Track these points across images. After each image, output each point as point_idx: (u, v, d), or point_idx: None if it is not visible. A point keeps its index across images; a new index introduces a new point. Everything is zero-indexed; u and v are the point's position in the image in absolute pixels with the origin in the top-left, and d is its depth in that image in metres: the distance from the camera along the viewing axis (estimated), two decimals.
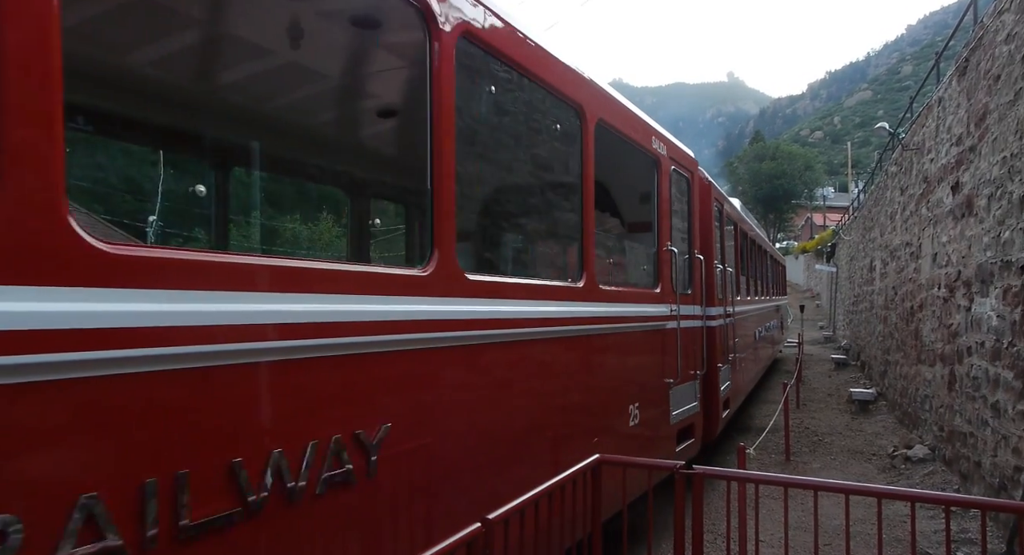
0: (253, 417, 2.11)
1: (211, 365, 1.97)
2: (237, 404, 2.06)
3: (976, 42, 6.90)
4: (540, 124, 4.27)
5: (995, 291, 6.03)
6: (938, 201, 8.40)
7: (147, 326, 1.78)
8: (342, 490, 2.39)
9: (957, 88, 7.64)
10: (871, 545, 5.52)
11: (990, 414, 6.17)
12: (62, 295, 1.61)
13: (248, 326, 2.07)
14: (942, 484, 7.38)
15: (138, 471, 1.78)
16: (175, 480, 1.86)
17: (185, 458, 1.89)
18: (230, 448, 2.02)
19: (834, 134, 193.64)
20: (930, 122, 9.10)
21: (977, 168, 6.70)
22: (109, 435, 1.72)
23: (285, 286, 2.21)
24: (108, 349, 1.69)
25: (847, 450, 9.34)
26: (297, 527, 2.23)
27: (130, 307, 1.74)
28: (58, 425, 1.62)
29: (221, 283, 2.00)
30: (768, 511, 5.60)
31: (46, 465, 1.60)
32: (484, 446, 3.28)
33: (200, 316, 1.92)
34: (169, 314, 1.84)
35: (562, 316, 4.02)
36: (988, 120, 6.37)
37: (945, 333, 7.94)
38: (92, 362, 1.66)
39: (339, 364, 2.42)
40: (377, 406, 2.59)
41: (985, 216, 6.37)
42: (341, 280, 2.47)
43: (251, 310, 2.08)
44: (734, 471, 3.58)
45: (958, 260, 7.35)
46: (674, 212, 6.39)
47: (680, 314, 6.21)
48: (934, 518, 6.25)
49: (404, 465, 2.71)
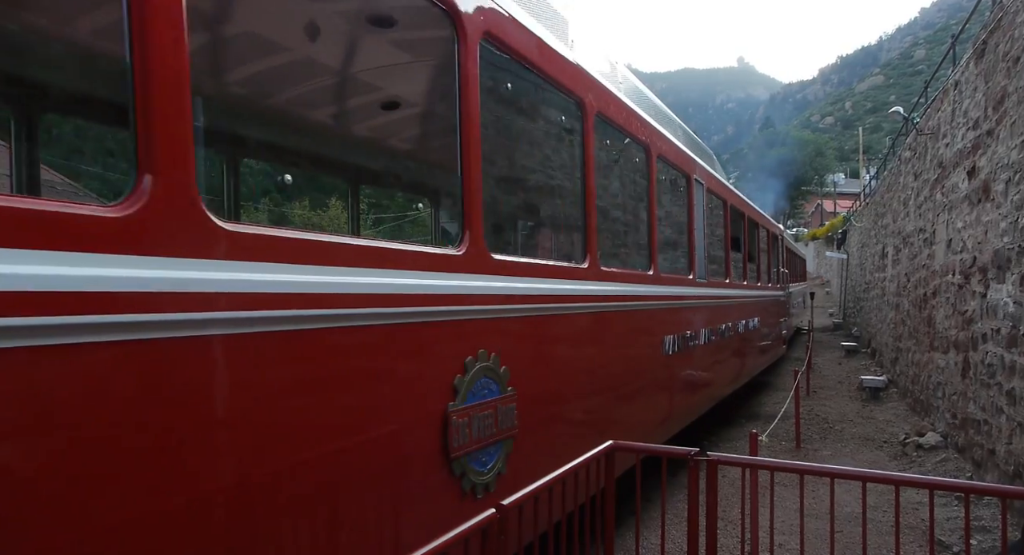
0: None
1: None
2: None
3: (995, 24, 6.77)
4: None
5: (1012, 277, 5.95)
6: (953, 186, 8.28)
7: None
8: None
9: (974, 71, 7.51)
10: (883, 532, 5.50)
11: (1005, 401, 6.11)
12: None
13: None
14: (955, 472, 7.34)
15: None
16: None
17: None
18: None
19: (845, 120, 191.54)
20: (946, 106, 8.96)
21: (995, 152, 6.59)
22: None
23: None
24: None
25: (858, 437, 9.30)
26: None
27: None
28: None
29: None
30: (778, 498, 5.58)
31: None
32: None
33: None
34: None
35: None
36: (1007, 103, 6.26)
37: (959, 320, 7.87)
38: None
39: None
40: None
41: (1002, 201, 6.28)
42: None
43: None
44: (749, 458, 3.56)
45: (974, 246, 7.26)
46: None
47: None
48: (946, 505, 6.22)
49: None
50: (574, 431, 4.53)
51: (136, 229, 1.80)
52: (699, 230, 7.54)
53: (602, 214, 5.03)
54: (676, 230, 7.15)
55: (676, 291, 6.68)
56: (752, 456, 4.45)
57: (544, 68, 4.02)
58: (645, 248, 6.06)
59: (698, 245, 7.45)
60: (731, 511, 5.69)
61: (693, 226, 7.30)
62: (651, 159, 6.08)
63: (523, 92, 4.16)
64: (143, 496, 1.81)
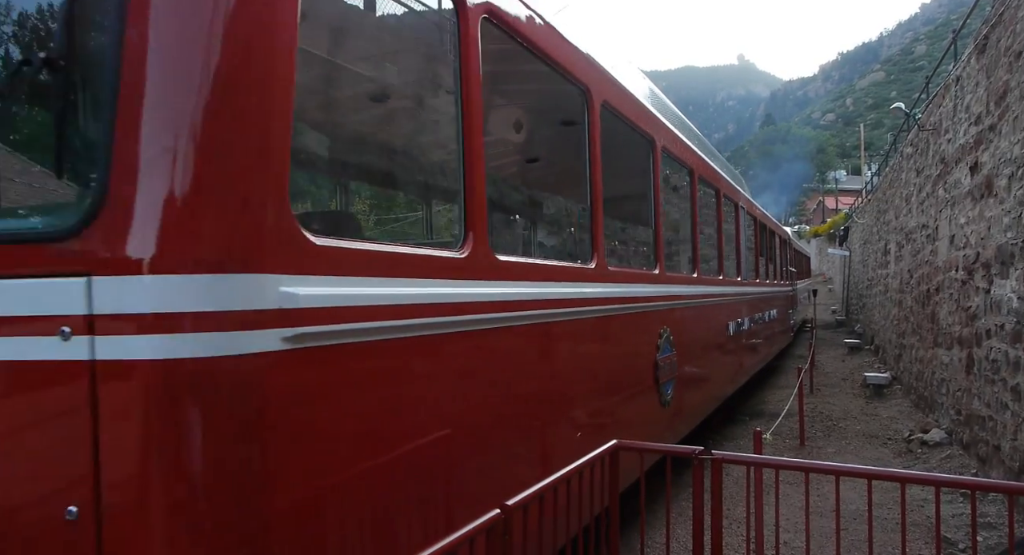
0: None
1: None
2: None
3: (996, 18, 6.74)
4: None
5: (1016, 272, 5.93)
6: (956, 182, 8.26)
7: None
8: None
9: (976, 66, 7.48)
10: (888, 530, 5.48)
11: (1010, 397, 6.09)
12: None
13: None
14: (959, 468, 7.32)
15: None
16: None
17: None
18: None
19: (846, 116, 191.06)
20: (947, 101, 8.93)
21: (997, 147, 6.57)
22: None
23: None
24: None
25: (862, 435, 9.27)
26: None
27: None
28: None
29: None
30: (783, 496, 5.56)
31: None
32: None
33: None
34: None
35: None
36: (1009, 98, 6.24)
37: (963, 316, 7.84)
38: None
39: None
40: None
41: (1005, 196, 6.25)
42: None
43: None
44: (754, 456, 3.54)
45: (977, 242, 7.23)
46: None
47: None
48: (951, 502, 6.20)
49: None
50: (705, 376, 7.37)
51: (467, 266, 2.78)
52: (744, 243, 10.39)
53: (713, 245, 8.25)
54: (729, 245, 9.64)
55: (735, 289, 9.33)
56: (756, 454, 4.43)
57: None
58: (717, 260, 8.55)
59: (743, 254, 10.24)
60: (736, 509, 5.68)
61: (740, 240, 10.06)
62: (719, 199, 8.48)
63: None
64: (443, 413, 2.66)
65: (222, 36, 1.76)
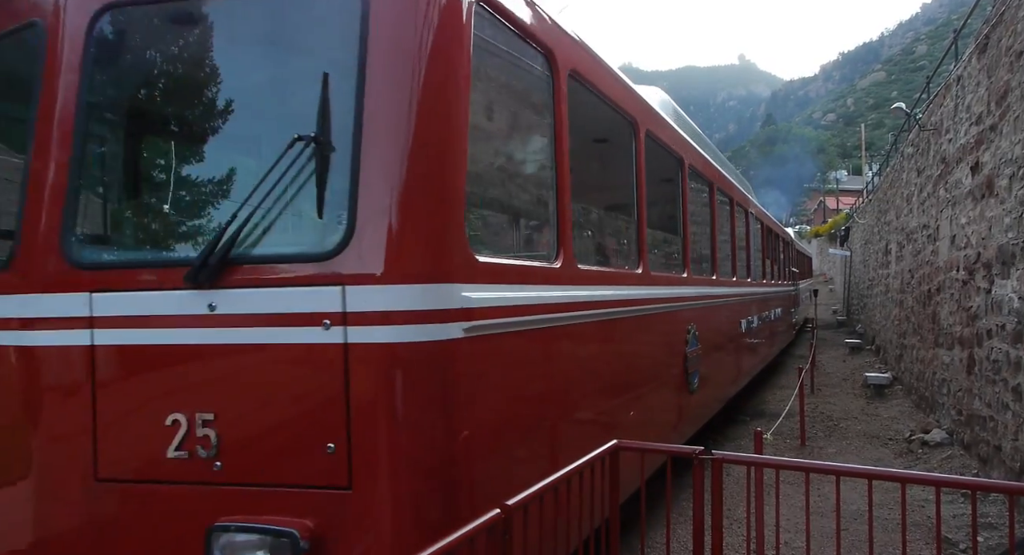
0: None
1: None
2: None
3: (997, 18, 6.74)
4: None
5: (1017, 272, 5.93)
6: (957, 182, 8.25)
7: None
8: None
9: (977, 66, 7.47)
10: (888, 530, 5.47)
11: (1011, 397, 6.09)
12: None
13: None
14: (960, 468, 7.31)
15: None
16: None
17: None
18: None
19: (847, 116, 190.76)
20: (948, 101, 8.92)
21: (998, 147, 6.56)
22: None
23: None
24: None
25: (863, 435, 9.27)
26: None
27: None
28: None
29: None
30: (784, 496, 5.55)
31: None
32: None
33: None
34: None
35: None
36: (1010, 98, 6.23)
37: (964, 316, 7.83)
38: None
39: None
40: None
41: (1006, 196, 6.25)
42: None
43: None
44: (754, 456, 3.54)
45: (978, 242, 7.23)
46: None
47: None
48: (952, 503, 6.19)
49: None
50: (723, 368, 8.36)
51: (554, 274, 3.55)
52: (753, 246, 11.42)
53: (728, 249, 8.99)
54: (741, 249, 10.42)
55: (746, 290, 10.35)
56: (757, 454, 4.43)
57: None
58: (731, 263, 9.23)
59: (752, 257, 11.24)
60: (736, 510, 5.67)
61: (749, 244, 11.05)
62: (736, 209, 9.62)
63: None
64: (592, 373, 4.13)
65: (418, 124, 2.58)
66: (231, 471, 2.56)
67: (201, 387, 2.63)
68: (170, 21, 3.02)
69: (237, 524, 2.46)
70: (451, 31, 2.70)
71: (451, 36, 2.70)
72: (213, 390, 2.62)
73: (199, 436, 2.57)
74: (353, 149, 2.52)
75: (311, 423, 2.53)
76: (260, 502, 2.51)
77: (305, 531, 2.40)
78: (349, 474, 2.45)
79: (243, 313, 2.57)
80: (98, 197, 3.16)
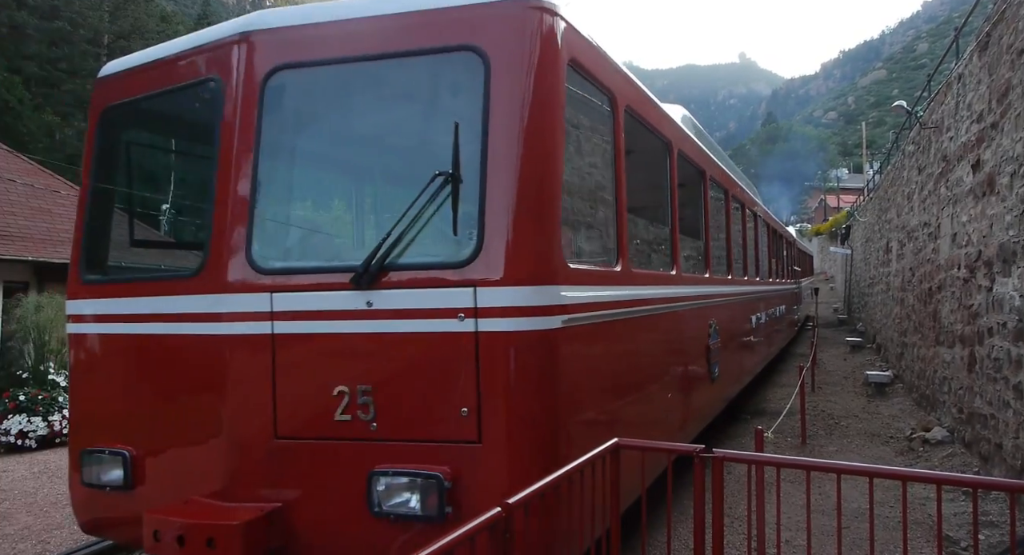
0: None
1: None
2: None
3: (998, 16, 6.72)
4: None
5: (1018, 270, 5.92)
6: (958, 180, 8.24)
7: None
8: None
9: (978, 63, 7.46)
10: (890, 528, 5.48)
11: (1012, 395, 6.08)
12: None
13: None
14: (961, 467, 7.31)
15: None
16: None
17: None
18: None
19: (848, 114, 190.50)
20: (949, 99, 8.91)
21: (999, 145, 6.55)
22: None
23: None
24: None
25: (864, 433, 9.26)
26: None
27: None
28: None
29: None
30: (785, 494, 5.56)
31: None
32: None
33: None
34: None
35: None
36: (1011, 96, 6.22)
37: (965, 314, 7.83)
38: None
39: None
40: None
41: (1007, 194, 6.24)
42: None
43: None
44: (755, 455, 3.54)
45: (979, 240, 7.22)
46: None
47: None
48: (953, 501, 6.19)
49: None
50: (737, 359, 9.09)
51: (616, 277, 4.26)
52: (761, 247, 12.11)
53: (740, 251, 9.65)
54: (751, 250, 11.14)
55: (756, 288, 11.19)
56: (758, 453, 4.44)
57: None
58: (743, 263, 9.93)
59: (760, 257, 11.99)
60: (737, 508, 5.68)
61: (757, 245, 11.72)
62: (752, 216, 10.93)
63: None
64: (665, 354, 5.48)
65: (526, 165, 3.28)
66: (384, 430, 3.26)
67: (360, 365, 3.31)
68: (327, 80, 3.74)
69: (394, 470, 3.17)
70: (551, 93, 3.43)
71: (551, 97, 3.42)
72: (370, 368, 3.30)
73: (359, 404, 3.27)
74: (480, 183, 3.23)
75: (448, 393, 3.18)
76: (407, 454, 3.20)
77: (447, 475, 3.10)
78: (479, 431, 3.14)
79: (394, 308, 3.27)
80: (274, 218, 3.90)
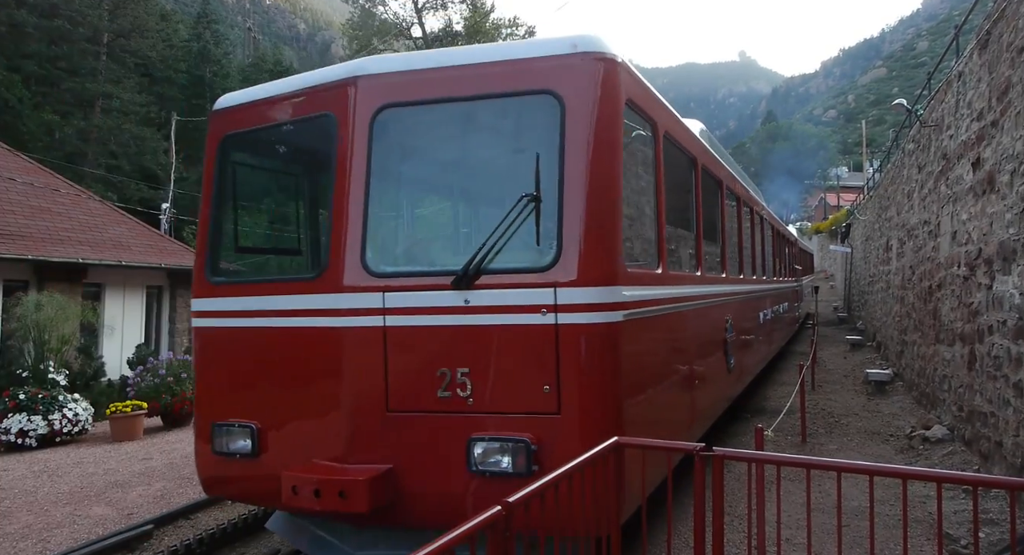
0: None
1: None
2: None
3: (998, 14, 6.72)
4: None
5: (1018, 268, 5.92)
6: (958, 178, 8.24)
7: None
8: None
9: (978, 61, 7.46)
10: (890, 526, 5.48)
11: (1012, 393, 6.09)
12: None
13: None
14: (961, 465, 7.31)
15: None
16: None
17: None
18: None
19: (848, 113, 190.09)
20: (949, 97, 8.90)
21: (999, 143, 6.55)
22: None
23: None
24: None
25: (864, 431, 9.27)
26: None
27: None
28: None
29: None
30: (785, 493, 5.56)
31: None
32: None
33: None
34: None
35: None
36: (1011, 94, 6.22)
37: (965, 312, 7.83)
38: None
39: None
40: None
41: (1007, 192, 6.24)
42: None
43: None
44: (755, 453, 3.54)
45: (979, 238, 7.22)
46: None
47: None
48: (953, 499, 6.20)
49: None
50: (749, 352, 9.77)
51: (658, 278, 4.92)
52: (767, 248, 12.95)
53: (750, 251, 10.24)
54: (758, 250, 11.63)
55: (763, 287, 11.89)
56: (758, 451, 4.44)
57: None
58: (752, 263, 10.53)
59: (766, 257, 12.82)
60: (737, 506, 5.68)
61: (763, 246, 12.36)
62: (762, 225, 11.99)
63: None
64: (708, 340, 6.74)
65: (594, 187, 3.92)
66: (479, 405, 3.87)
67: (459, 351, 3.92)
68: (427, 117, 4.37)
69: (489, 436, 3.79)
70: (613, 129, 4.10)
71: (613, 132, 4.10)
72: (467, 353, 3.91)
73: (458, 382, 3.89)
74: (558, 202, 3.87)
75: (533, 374, 3.79)
76: (499, 424, 3.81)
77: (532, 439, 3.72)
78: (559, 404, 3.74)
79: (488, 305, 3.87)
80: (384, 230, 4.54)
